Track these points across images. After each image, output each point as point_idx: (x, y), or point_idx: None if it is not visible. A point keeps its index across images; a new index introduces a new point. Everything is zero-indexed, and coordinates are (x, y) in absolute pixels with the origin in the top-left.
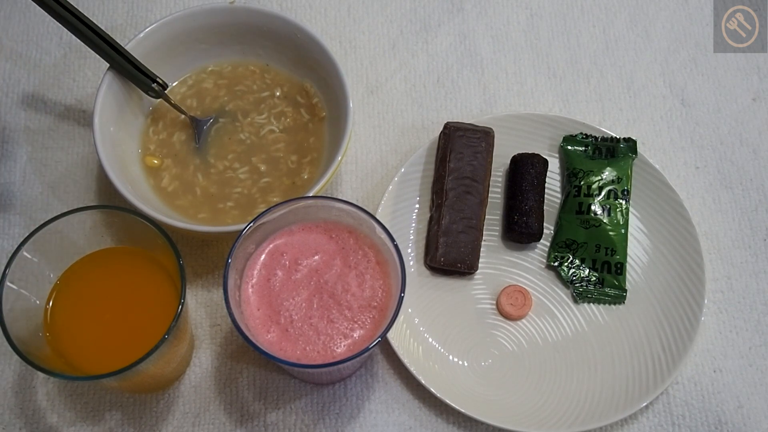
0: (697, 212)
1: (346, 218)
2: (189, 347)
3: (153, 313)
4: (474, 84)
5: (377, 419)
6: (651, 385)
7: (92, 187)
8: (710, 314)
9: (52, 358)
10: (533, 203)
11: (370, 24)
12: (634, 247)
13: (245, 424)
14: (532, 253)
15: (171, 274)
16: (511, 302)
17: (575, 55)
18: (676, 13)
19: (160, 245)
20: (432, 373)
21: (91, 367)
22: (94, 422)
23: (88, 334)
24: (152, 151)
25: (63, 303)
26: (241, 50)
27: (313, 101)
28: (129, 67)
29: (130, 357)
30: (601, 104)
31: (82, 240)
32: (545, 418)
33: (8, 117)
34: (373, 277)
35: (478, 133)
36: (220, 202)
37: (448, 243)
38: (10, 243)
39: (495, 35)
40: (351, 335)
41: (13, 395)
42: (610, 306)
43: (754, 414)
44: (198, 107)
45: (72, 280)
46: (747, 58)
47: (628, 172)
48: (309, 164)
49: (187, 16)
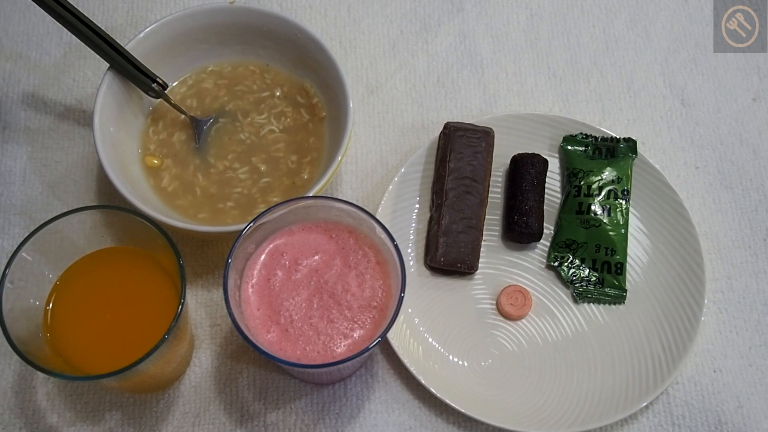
0: (697, 212)
1: (346, 218)
2: (189, 347)
3: (153, 313)
4: (474, 84)
5: (377, 419)
6: (651, 385)
7: (92, 187)
8: (710, 314)
9: (51, 358)
10: (533, 203)
11: (370, 24)
12: (634, 247)
13: (245, 424)
14: (532, 253)
15: (171, 274)
16: (511, 302)
17: (575, 55)
18: (676, 13)
19: (160, 245)
20: (432, 373)
21: (91, 367)
22: (94, 422)
23: (88, 334)
24: (152, 151)
25: (63, 303)
26: (241, 50)
27: (313, 101)
28: (129, 67)
29: (130, 357)
30: (601, 104)
31: (82, 240)
32: (545, 418)
33: (8, 117)
34: (373, 277)
35: (478, 133)
36: (220, 202)
37: (448, 243)
38: (10, 243)
39: (495, 35)
40: (351, 335)
41: (13, 395)
42: (610, 306)
43: (754, 414)
44: (198, 107)
45: (72, 280)
46: (747, 58)
47: (628, 172)
48: (309, 164)
49: (187, 16)
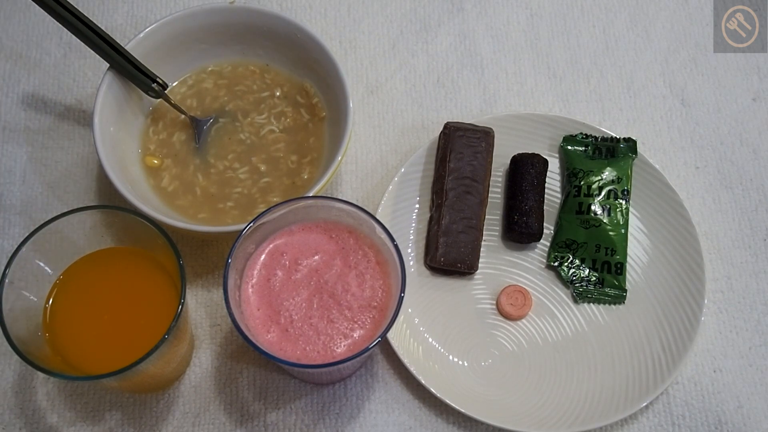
0: (697, 212)
1: (346, 218)
2: (189, 347)
3: (153, 314)
4: (474, 84)
5: (377, 419)
6: (651, 385)
7: (92, 187)
8: (710, 314)
9: (51, 358)
10: (533, 203)
11: (370, 24)
12: (634, 247)
13: (245, 424)
14: (532, 253)
15: (171, 274)
16: (511, 302)
17: (575, 55)
18: (676, 13)
19: (160, 245)
20: (432, 373)
21: (91, 367)
22: (94, 422)
23: (88, 334)
24: (152, 151)
25: (63, 303)
26: (241, 50)
27: (313, 101)
28: (129, 67)
29: (130, 357)
30: (601, 104)
31: (82, 240)
32: (545, 418)
33: (8, 117)
34: (373, 277)
35: (478, 133)
36: (220, 202)
37: (448, 243)
38: (10, 243)
39: (495, 35)
40: (351, 335)
41: (13, 395)
42: (610, 306)
43: (754, 414)
44: (198, 107)
45: (72, 280)
46: (747, 58)
47: (628, 172)
48: (309, 164)
49: (187, 16)
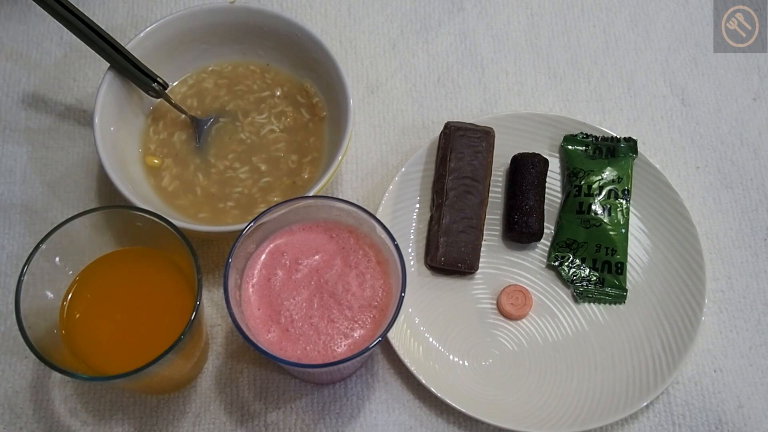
0: (698, 212)
1: (347, 218)
2: (204, 347)
3: (169, 314)
4: (474, 84)
5: (377, 419)
6: (651, 385)
7: (93, 187)
8: (710, 314)
9: (67, 359)
10: (534, 203)
11: (371, 24)
12: (634, 247)
13: (245, 424)
14: (533, 252)
15: (186, 274)
16: (511, 302)
17: (575, 55)
18: (676, 13)
19: (176, 246)
20: (432, 372)
21: (106, 367)
22: (95, 422)
23: (104, 334)
24: (153, 151)
25: (79, 303)
26: (241, 50)
27: (314, 101)
28: (129, 66)
29: (146, 357)
30: (602, 104)
31: (99, 240)
32: (545, 418)
33: (8, 117)
34: (374, 276)
35: (479, 132)
36: (220, 202)
37: (448, 243)
38: (11, 243)
39: (495, 35)
40: (351, 335)
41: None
42: (611, 306)
43: (755, 414)
44: (198, 107)
45: (88, 281)
46: (747, 58)
47: (629, 171)
48: (309, 164)
49: (188, 16)
